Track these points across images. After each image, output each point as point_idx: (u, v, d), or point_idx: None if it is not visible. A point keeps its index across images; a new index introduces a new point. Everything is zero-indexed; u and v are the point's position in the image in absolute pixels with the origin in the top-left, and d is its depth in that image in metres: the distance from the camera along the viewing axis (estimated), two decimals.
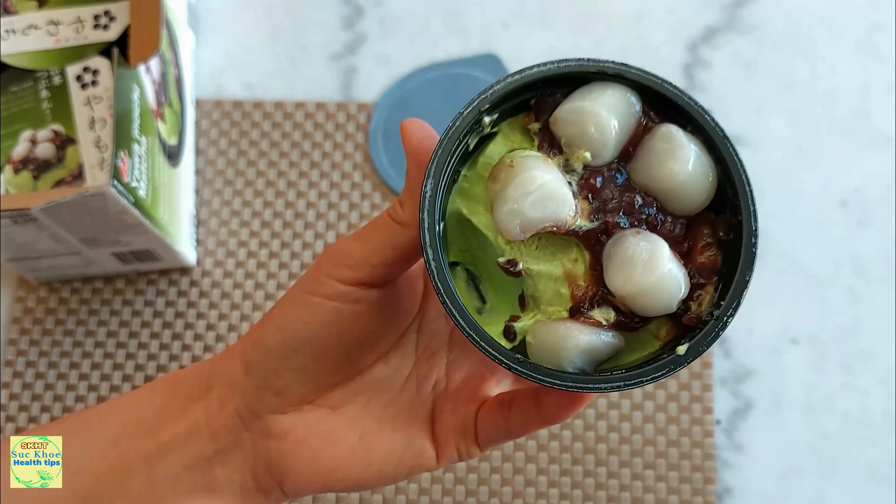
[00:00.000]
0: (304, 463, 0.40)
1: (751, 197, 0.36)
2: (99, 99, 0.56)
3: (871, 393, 0.58)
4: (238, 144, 0.65)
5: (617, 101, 0.36)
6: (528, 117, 0.38)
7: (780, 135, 0.65)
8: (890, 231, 0.62)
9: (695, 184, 0.36)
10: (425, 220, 0.35)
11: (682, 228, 0.37)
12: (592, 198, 0.36)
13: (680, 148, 0.36)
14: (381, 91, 0.66)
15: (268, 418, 0.40)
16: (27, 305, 0.61)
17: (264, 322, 0.40)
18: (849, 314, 0.60)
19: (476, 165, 0.38)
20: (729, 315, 0.35)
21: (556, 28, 0.68)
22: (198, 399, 0.40)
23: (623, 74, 0.36)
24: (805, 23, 0.68)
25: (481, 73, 0.66)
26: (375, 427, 0.41)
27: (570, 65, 0.37)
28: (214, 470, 0.40)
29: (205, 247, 0.62)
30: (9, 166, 0.55)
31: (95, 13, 0.58)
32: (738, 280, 0.35)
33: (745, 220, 0.36)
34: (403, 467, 0.40)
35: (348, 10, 0.69)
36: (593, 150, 0.36)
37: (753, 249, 0.36)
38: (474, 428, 0.41)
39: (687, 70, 0.66)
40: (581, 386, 0.35)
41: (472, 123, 0.36)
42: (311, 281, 0.39)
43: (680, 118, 0.37)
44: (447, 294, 0.35)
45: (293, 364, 0.39)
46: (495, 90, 0.36)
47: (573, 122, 0.36)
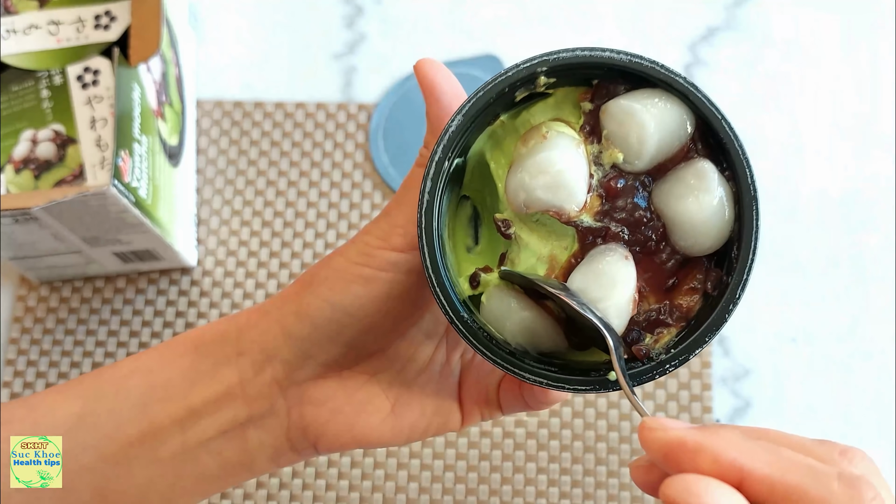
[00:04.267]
0: (341, 429, 0.40)
1: (749, 267, 0.35)
2: (100, 98, 0.56)
3: (871, 392, 0.59)
4: (239, 144, 0.65)
5: (671, 119, 0.35)
6: (585, 94, 0.37)
7: (779, 135, 0.65)
8: (889, 231, 0.62)
9: (706, 229, 0.35)
10: (437, 153, 0.35)
11: (676, 264, 0.36)
12: (606, 199, 0.36)
13: (707, 190, 0.35)
14: (382, 91, 0.66)
15: (307, 385, 0.40)
16: (28, 304, 0.61)
17: (306, 292, 0.39)
18: (848, 313, 0.60)
19: (517, 117, 0.38)
20: (672, 365, 0.35)
21: (556, 28, 0.68)
22: (227, 363, 0.40)
23: (688, 95, 0.35)
24: (804, 23, 0.68)
25: (481, 73, 0.66)
26: (407, 395, 0.41)
27: (642, 63, 0.35)
28: (248, 433, 0.40)
29: (205, 246, 0.62)
30: (10, 166, 0.55)
31: (96, 13, 0.58)
32: (696, 337, 0.35)
33: (733, 286, 0.35)
34: (430, 431, 0.42)
35: (349, 10, 0.69)
36: (627, 155, 0.36)
37: (727, 316, 0.35)
38: (497, 398, 0.42)
39: (687, 70, 0.66)
40: (510, 369, 0.36)
41: (525, 80, 0.36)
42: (360, 254, 0.38)
43: (723, 158, 0.36)
44: (428, 245, 0.35)
45: (341, 338, 0.39)
46: (560, 57, 0.35)
47: (620, 121, 0.35)
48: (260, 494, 0.56)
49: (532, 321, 0.37)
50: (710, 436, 0.29)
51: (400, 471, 0.56)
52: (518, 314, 0.36)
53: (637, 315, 0.36)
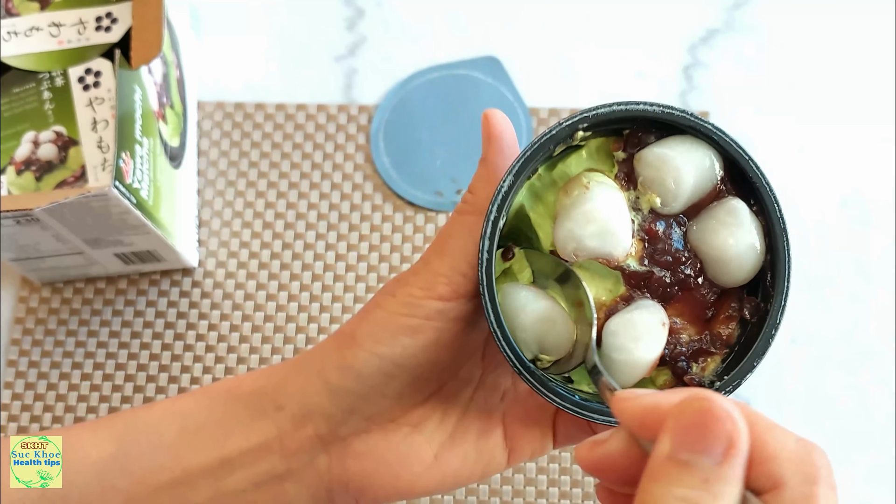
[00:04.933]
0: (385, 481, 0.40)
1: (786, 293, 0.37)
2: (101, 100, 0.56)
3: (871, 393, 0.59)
4: (240, 146, 0.65)
5: (702, 162, 0.38)
6: (617, 144, 0.39)
7: (779, 135, 0.65)
8: (890, 231, 0.62)
9: (741, 262, 0.38)
10: (492, 212, 0.37)
11: (714, 296, 0.39)
12: (648, 243, 0.38)
13: (740, 225, 0.37)
14: (383, 93, 0.66)
15: (352, 439, 0.39)
16: (30, 305, 0.61)
17: (349, 346, 0.38)
18: (848, 314, 0.60)
19: (553, 169, 0.40)
20: (727, 391, 0.37)
21: (556, 30, 0.68)
22: (265, 416, 0.39)
23: (714, 138, 0.38)
24: (804, 23, 0.68)
25: (482, 75, 0.66)
26: (449, 443, 0.41)
27: (673, 113, 0.37)
28: (285, 486, 0.40)
29: (207, 248, 0.62)
30: (11, 167, 0.55)
31: (97, 15, 0.58)
32: (745, 363, 0.37)
33: (773, 312, 0.37)
34: (475, 475, 0.42)
35: (350, 12, 0.69)
36: (664, 199, 0.38)
37: (770, 340, 0.37)
38: (552, 431, 0.42)
39: (686, 71, 0.66)
40: (587, 415, 0.37)
41: (567, 136, 0.38)
42: (404, 305, 0.38)
43: (752, 197, 0.38)
44: (491, 302, 0.37)
45: (388, 390, 0.38)
46: (599, 113, 0.37)
47: (656, 167, 0.38)
48: None
49: (548, 310, 0.38)
50: (681, 396, 0.29)
51: None
52: (534, 304, 0.38)
53: (681, 346, 0.38)
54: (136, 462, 0.39)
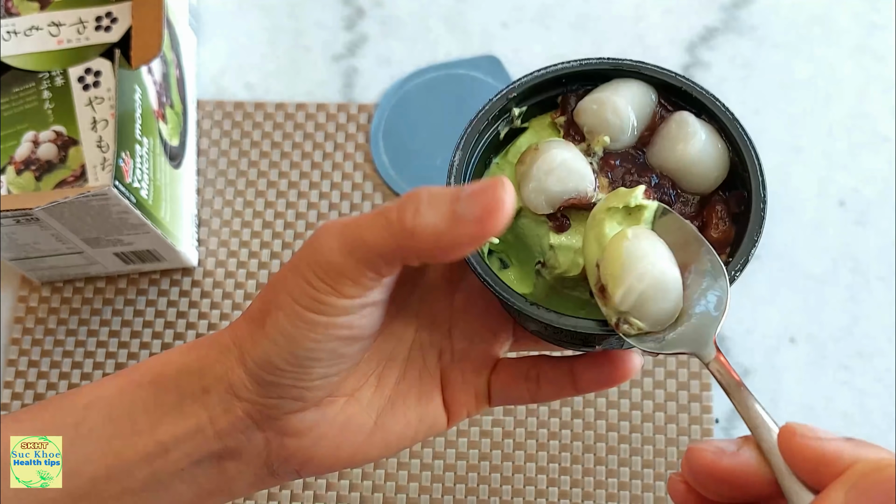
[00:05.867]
0: (327, 453, 0.40)
1: (758, 166, 0.38)
2: (101, 100, 0.56)
3: (870, 392, 0.59)
4: (240, 145, 0.65)
5: (634, 93, 0.40)
6: (556, 113, 0.42)
7: (778, 135, 0.65)
8: (888, 230, 0.62)
9: (706, 162, 0.39)
10: (451, 185, 0.38)
11: (695, 206, 0.40)
12: (611, 175, 0.40)
13: (692, 131, 0.39)
14: (382, 92, 0.66)
15: (286, 418, 0.38)
16: (29, 305, 0.61)
17: (261, 335, 0.36)
18: (847, 313, 0.60)
19: (507, 154, 0.42)
20: (737, 270, 0.37)
21: (555, 29, 0.68)
22: (193, 400, 0.38)
23: (640, 70, 0.40)
24: (803, 23, 0.68)
25: (481, 75, 0.66)
26: (389, 407, 0.41)
27: (591, 62, 0.40)
28: (224, 464, 0.39)
29: (206, 247, 0.63)
30: (11, 167, 0.55)
31: (97, 14, 0.58)
32: (746, 240, 0.38)
33: (755, 189, 0.38)
34: (418, 437, 0.42)
35: (349, 11, 0.69)
36: (612, 135, 0.40)
37: (762, 213, 0.38)
38: (487, 393, 0.42)
39: (686, 71, 0.66)
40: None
41: (501, 110, 0.40)
42: (306, 298, 0.35)
43: (694, 108, 0.40)
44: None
45: (310, 376, 0.37)
46: (522, 82, 0.40)
47: (594, 112, 0.40)
48: (260, 494, 0.56)
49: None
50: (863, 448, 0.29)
51: (400, 471, 0.57)
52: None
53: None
54: (68, 455, 0.38)
